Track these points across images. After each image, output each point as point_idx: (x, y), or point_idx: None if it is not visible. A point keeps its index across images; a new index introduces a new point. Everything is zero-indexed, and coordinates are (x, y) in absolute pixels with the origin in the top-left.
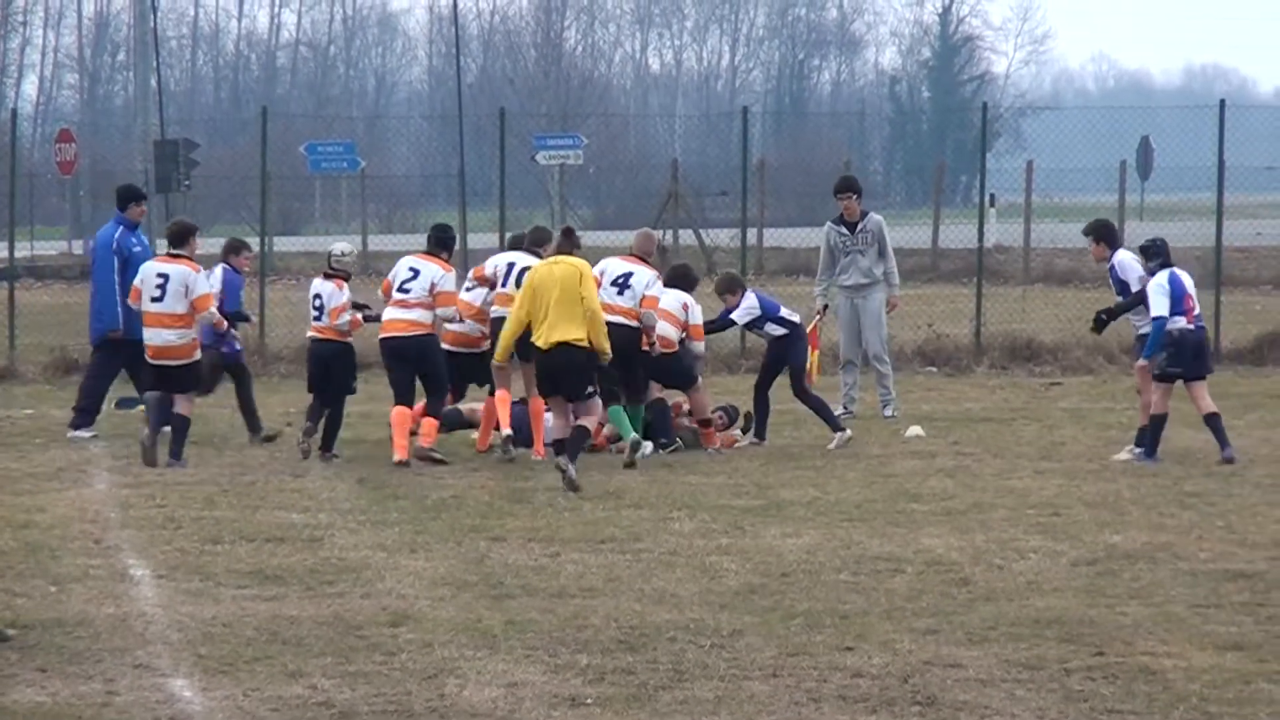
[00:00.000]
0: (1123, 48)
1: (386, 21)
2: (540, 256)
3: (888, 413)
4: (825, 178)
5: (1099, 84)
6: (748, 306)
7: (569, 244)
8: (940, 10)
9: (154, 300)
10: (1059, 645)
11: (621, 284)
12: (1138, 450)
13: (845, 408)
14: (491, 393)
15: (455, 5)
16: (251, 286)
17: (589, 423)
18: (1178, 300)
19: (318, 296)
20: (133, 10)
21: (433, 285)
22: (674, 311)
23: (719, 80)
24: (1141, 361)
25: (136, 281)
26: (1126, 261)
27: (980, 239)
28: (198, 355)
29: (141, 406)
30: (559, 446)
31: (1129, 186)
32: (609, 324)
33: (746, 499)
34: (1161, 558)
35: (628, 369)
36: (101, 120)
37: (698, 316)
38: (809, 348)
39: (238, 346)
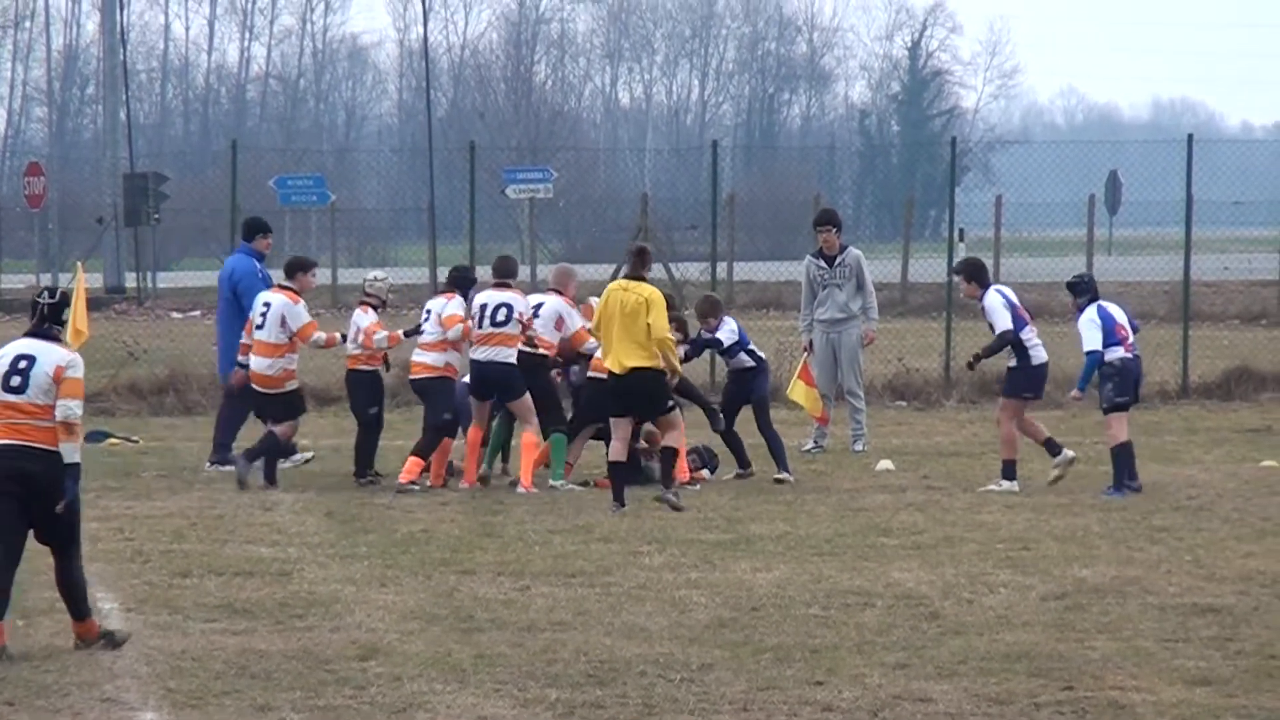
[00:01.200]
0: (1091, 82)
1: (356, 55)
2: (509, 288)
3: (858, 447)
4: (795, 212)
5: (1068, 118)
6: (730, 330)
7: (641, 265)
8: (909, 45)
9: (257, 329)
10: (1028, 679)
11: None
12: (1005, 484)
13: (816, 443)
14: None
15: (425, 39)
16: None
17: (673, 440)
18: (1110, 331)
19: (355, 326)
20: (102, 44)
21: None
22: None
23: (689, 114)
24: (1004, 401)
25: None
26: (992, 305)
27: (949, 273)
28: (291, 385)
29: (112, 440)
30: (616, 470)
31: (1098, 221)
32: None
33: (716, 533)
34: (1130, 592)
35: (543, 395)
36: (71, 153)
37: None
38: (795, 380)
39: None
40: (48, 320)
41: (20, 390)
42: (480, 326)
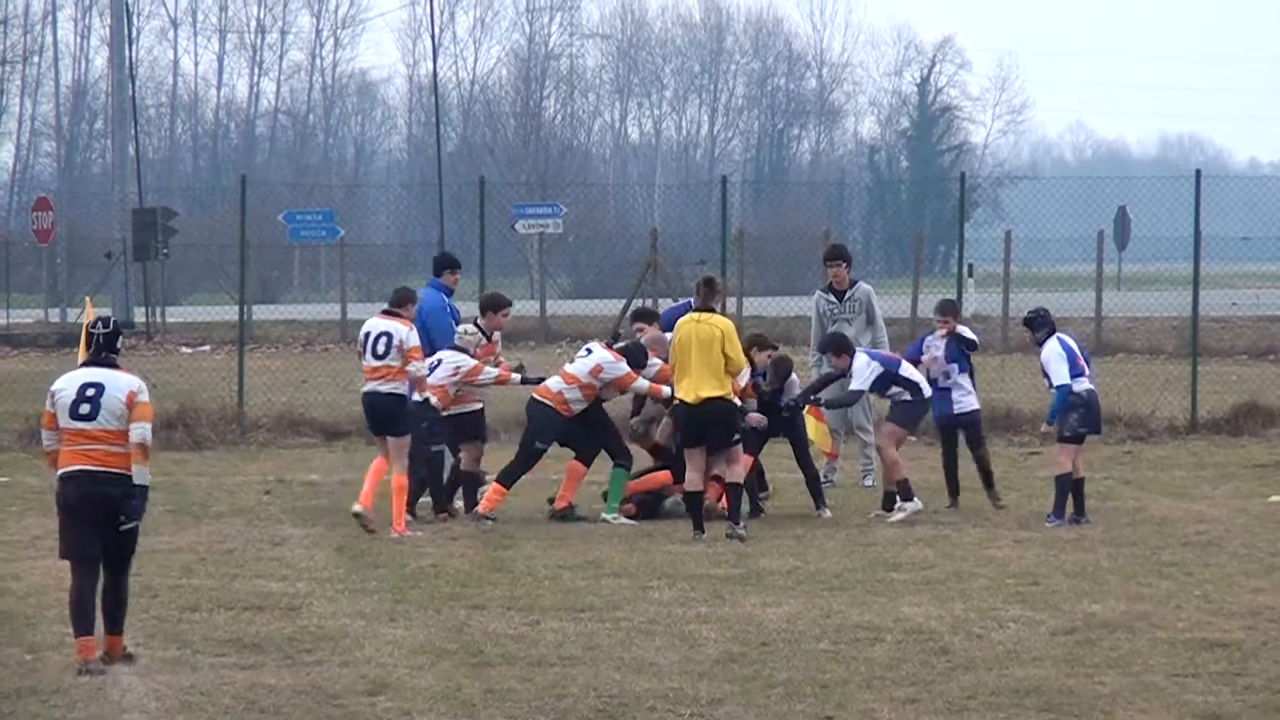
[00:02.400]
0: (1100, 118)
1: (366, 90)
2: (400, 318)
3: (867, 482)
4: (804, 247)
5: (1076, 154)
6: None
7: (711, 295)
8: (918, 80)
9: (377, 356)
10: (1038, 714)
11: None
12: (898, 513)
13: (826, 477)
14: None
15: (435, 74)
16: (229, 355)
17: (736, 475)
18: (1073, 363)
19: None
20: (111, 78)
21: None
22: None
23: (698, 149)
24: (890, 427)
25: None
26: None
27: (959, 308)
28: (473, 406)
29: None
30: (695, 499)
31: (1106, 256)
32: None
33: (726, 567)
34: (1140, 627)
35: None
36: (79, 188)
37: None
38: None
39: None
40: (104, 349)
41: (91, 418)
42: (363, 358)
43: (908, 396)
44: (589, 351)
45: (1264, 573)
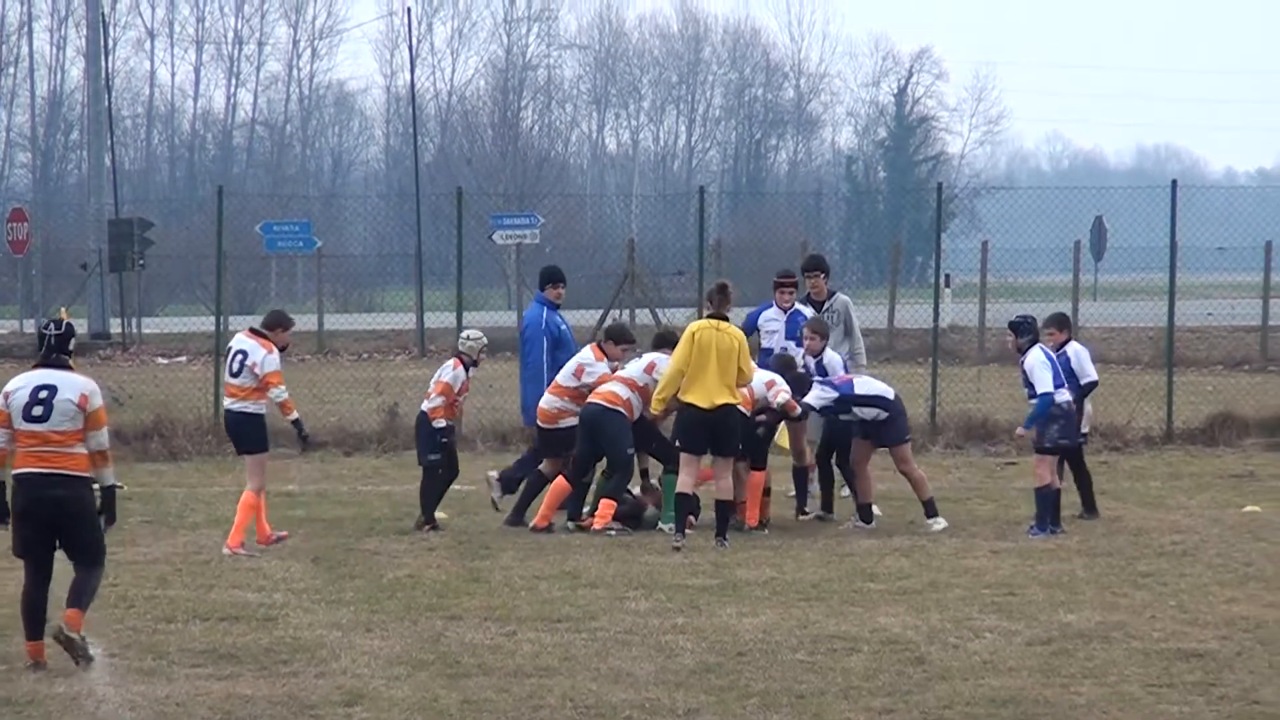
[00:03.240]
0: (1076, 128)
1: (343, 101)
2: (267, 338)
3: (844, 493)
4: (782, 257)
5: (1053, 164)
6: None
7: (725, 302)
8: (896, 91)
9: (232, 374)
10: None
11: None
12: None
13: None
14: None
15: (413, 85)
16: (206, 365)
17: (726, 492)
18: (1056, 374)
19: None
20: (87, 89)
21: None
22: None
23: (676, 160)
24: (861, 446)
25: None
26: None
27: (936, 318)
28: (565, 423)
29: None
30: (686, 502)
31: (1083, 266)
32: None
33: (703, 578)
34: (1115, 637)
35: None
36: (55, 199)
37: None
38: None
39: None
40: (56, 350)
41: (43, 419)
42: (227, 376)
43: (882, 414)
44: (639, 354)
45: (1239, 583)
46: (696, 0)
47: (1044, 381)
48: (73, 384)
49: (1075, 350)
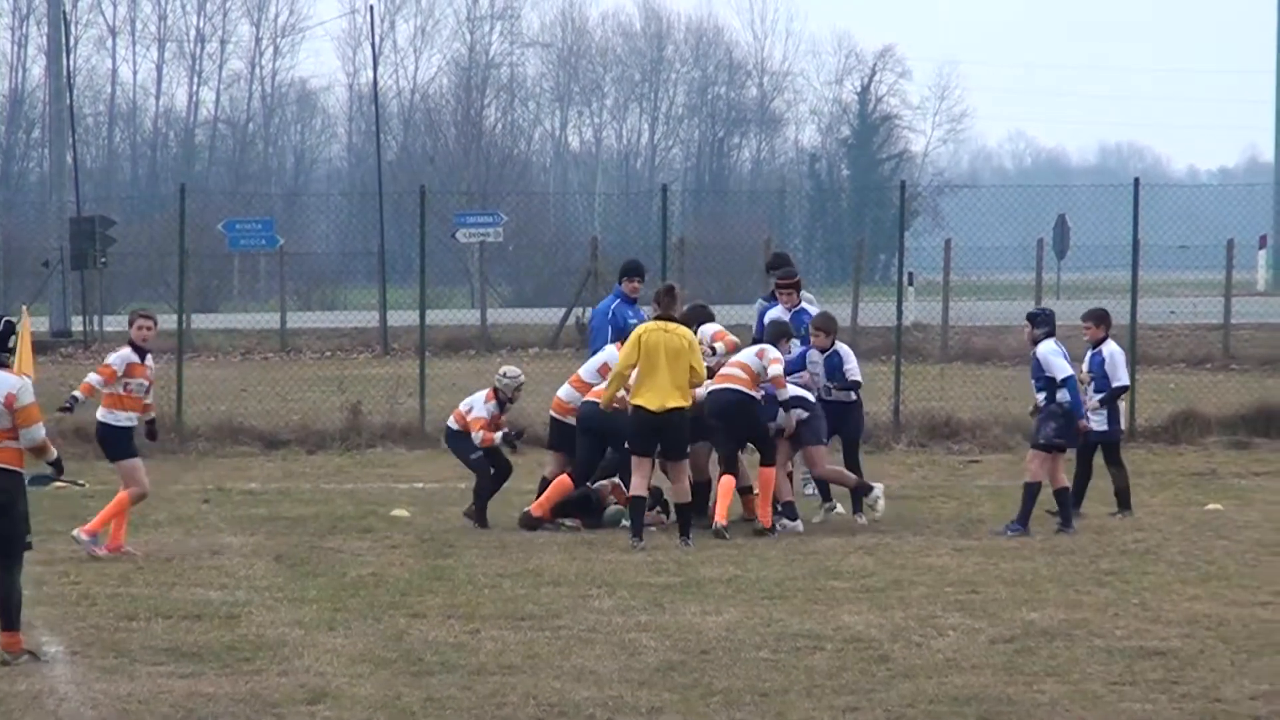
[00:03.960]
0: (1039, 126)
1: (306, 99)
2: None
3: (808, 491)
4: (745, 256)
5: (1016, 162)
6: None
7: (672, 304)
8: (859, 89)
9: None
10: None
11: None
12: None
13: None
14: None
15: (375, 83)
16: (168, 364)
17: (683, 494)
18: (1068, 362)
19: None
20: (48, 87)
21: None
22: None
23: (639, 158)
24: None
25: None
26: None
27: (899, 317)
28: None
29: (57, 484)
30: (639, 505)
31: (1046, 265)
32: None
33: (666, 576)
34: (1078, 635)
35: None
36: (16, 197)
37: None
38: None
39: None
40: None
41: None
42: None
43: (803, 413)
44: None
45: (1201, 581)
46: None
47: (1061, 367)
48: (3, 384)
49: (1111, 351)
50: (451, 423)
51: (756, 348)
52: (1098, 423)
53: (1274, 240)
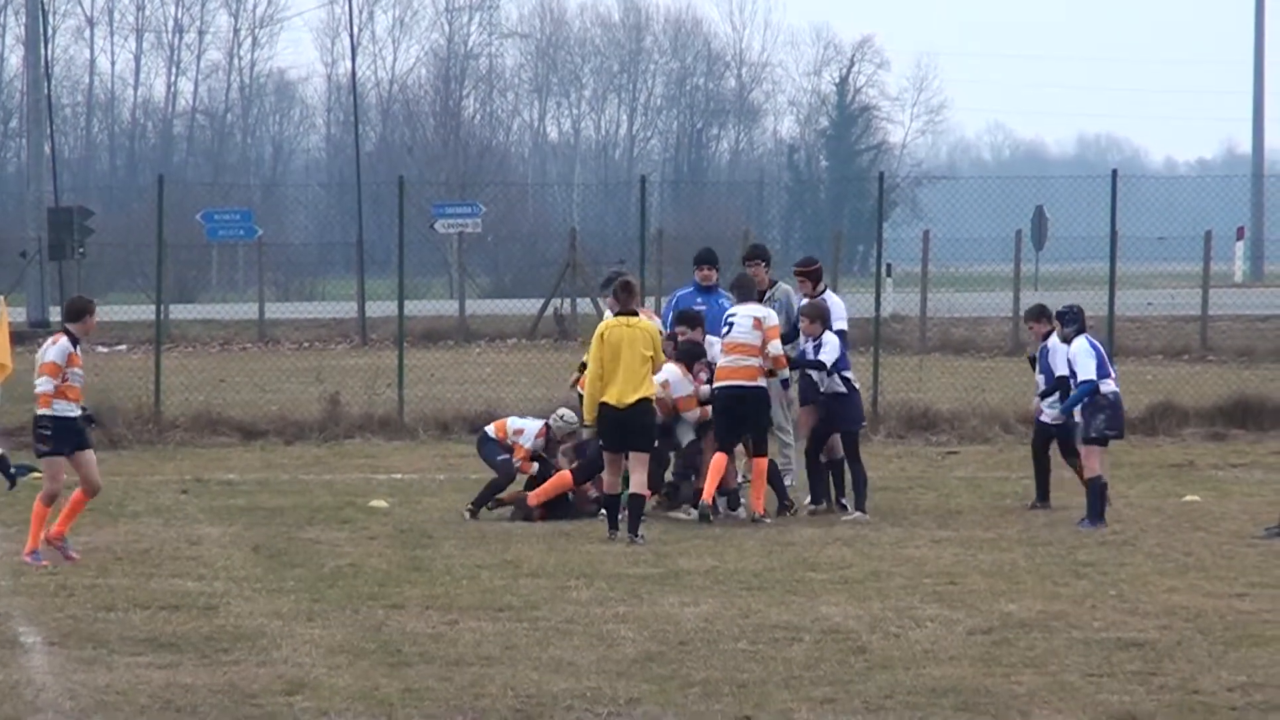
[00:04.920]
0: (1018, 117)
1: (284, 90)
2: (67, 331)
3: (786, 482)
4: (724, 246)
5: (994, 153)
6: (832, 348)
7: (630, 299)
8: (837, 80)
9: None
10: (955, 714)
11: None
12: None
13: (744, 477)
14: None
15: (354, 74)
16: (147, 354)
17: (640, 486)
18: (1102, 363)
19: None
20: (26, 78)
21: None
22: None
23: (617, 149)
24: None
25: None
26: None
27: (877, 308)
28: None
29: (35, 474)
30: (612, 501)
31: (1024, 256)
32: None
33: (644, 567)
34: (1056, 627)
35: None
36: None
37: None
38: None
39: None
40: None
41: None
42: None
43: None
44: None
45: (1178, 572)
46: None
47: (1088, 369)
48: None
49: (1055, 345)
50: (490, 430)
51: (757, 312)
52: (1050, 416)
53: (1251, 232)
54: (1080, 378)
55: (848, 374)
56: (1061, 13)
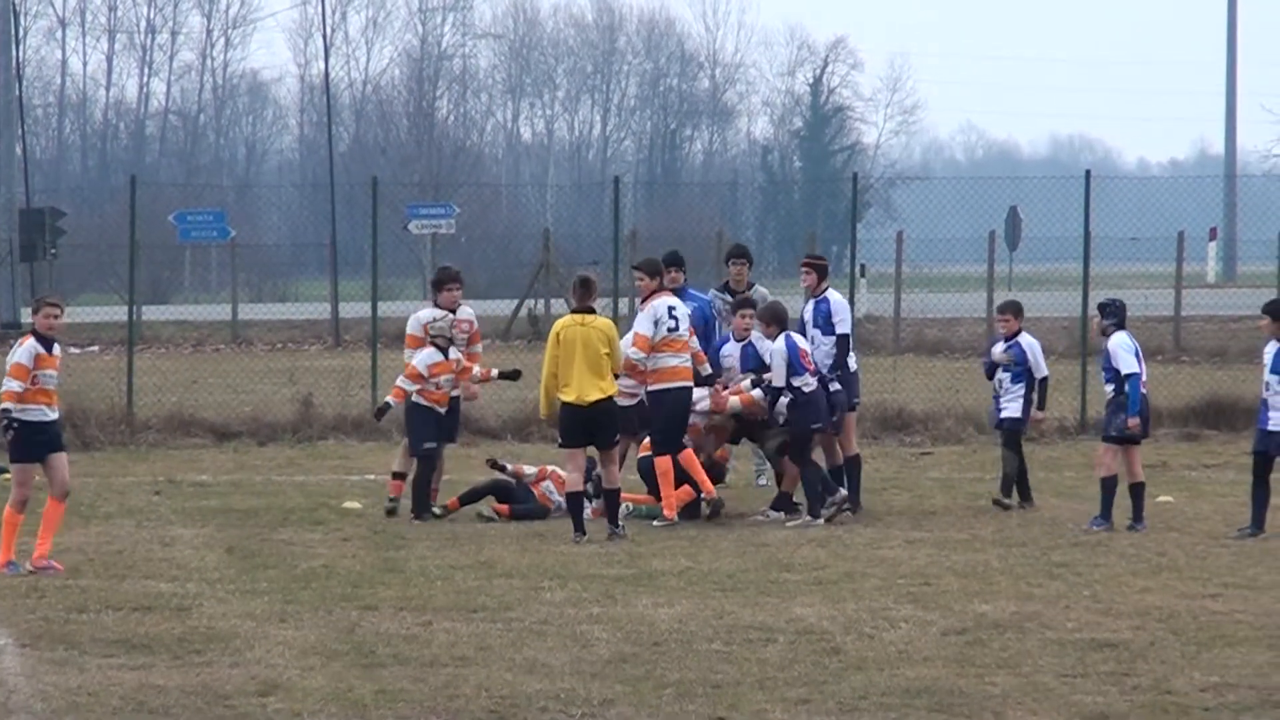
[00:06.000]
0: (991, 118)
1: (257, 90)
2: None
3: (761, 481)
4: (698, 247)
5: (968, 154)
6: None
7: (588, 295)
8: (811, 81)
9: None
10: (929, 715)
11: None
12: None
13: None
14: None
15: (327, 74)
16: (119, 355)
17: (614, 480)
18: (1138, 357)
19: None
20: None
21: None
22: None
23: (591, 150)
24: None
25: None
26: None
27: (851, 309)
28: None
29: (6, 475)
30: (575, 500)
31: (998, 256)
32: None
33: (618, 568)
34: (1030, 627)
35: None
36: None
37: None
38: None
39: None
40: None
41: None
42: None
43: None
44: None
45: (1151, 573)
46: None
47: (1129, 363)
48: None
49: (1029, 343)
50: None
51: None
52: (1011, 410)
53: (1224, 232)
54: (1124, 370)
55: (799, 380)
56: (1033, 13)
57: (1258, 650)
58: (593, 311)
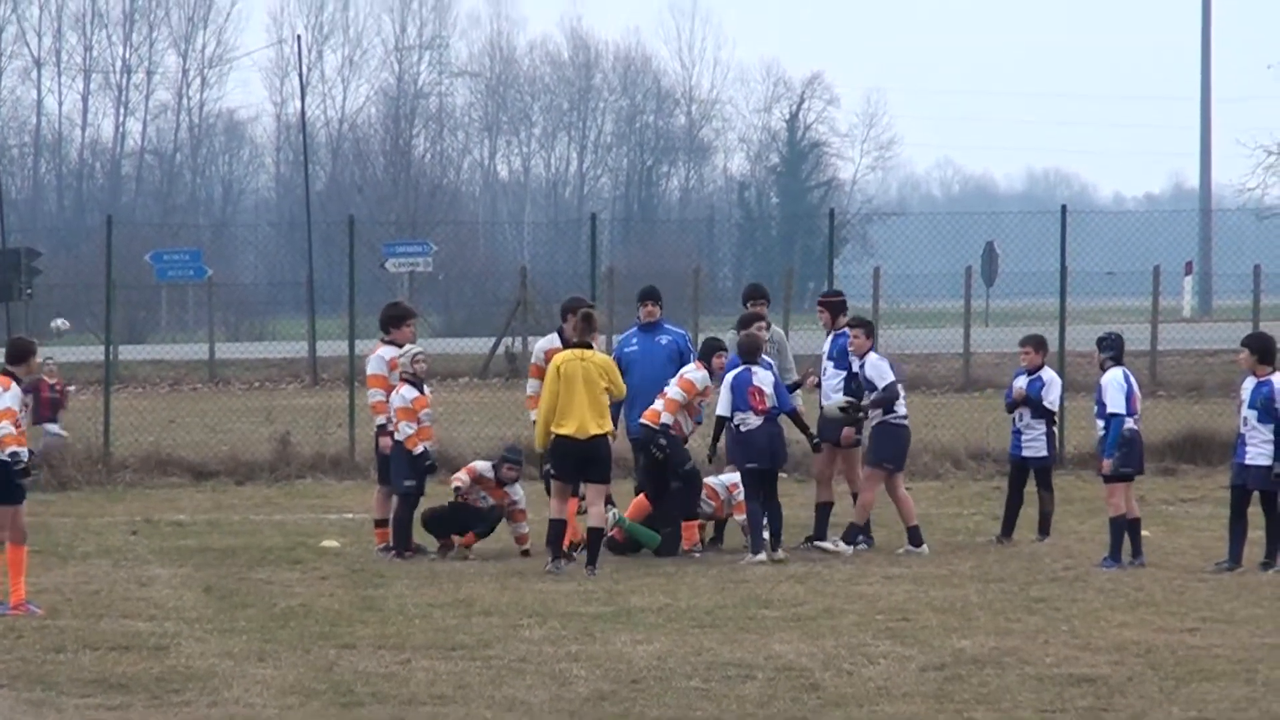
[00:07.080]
0: (967, 153)
1: (233, 129)
2: (9, 374)
3: (739, 517)
4: (675, 284)
5: (944, 189)
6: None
7: (589, 330)
8: (787, 117)
9: None
10: None
11: None
12: (845, 545)
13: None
14: None
15: (303, 113)
16: (96, 395)
17: (598, 519)
18: (1128, 399)
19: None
20: None
21: None
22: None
23: (567, 187)
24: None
25: None
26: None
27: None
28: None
29: None
30: (558, 528)
31: (975, 292)
32: None
33: (596, 605)
34: (1008, 663)
35: None
36: None
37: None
38: None
39: None
40: None
41: None
42: None
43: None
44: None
45: (1129, 607)
46: (587, 27)
47: (1116, 402)
48: None
49: (1050, 378)
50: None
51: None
52: (1034, 449)
53: (1199, 266)
54: (1109, 409)
55: (740, 417)
56: (1009, 49)
57: (1235, 685)
58: (590, 347)
